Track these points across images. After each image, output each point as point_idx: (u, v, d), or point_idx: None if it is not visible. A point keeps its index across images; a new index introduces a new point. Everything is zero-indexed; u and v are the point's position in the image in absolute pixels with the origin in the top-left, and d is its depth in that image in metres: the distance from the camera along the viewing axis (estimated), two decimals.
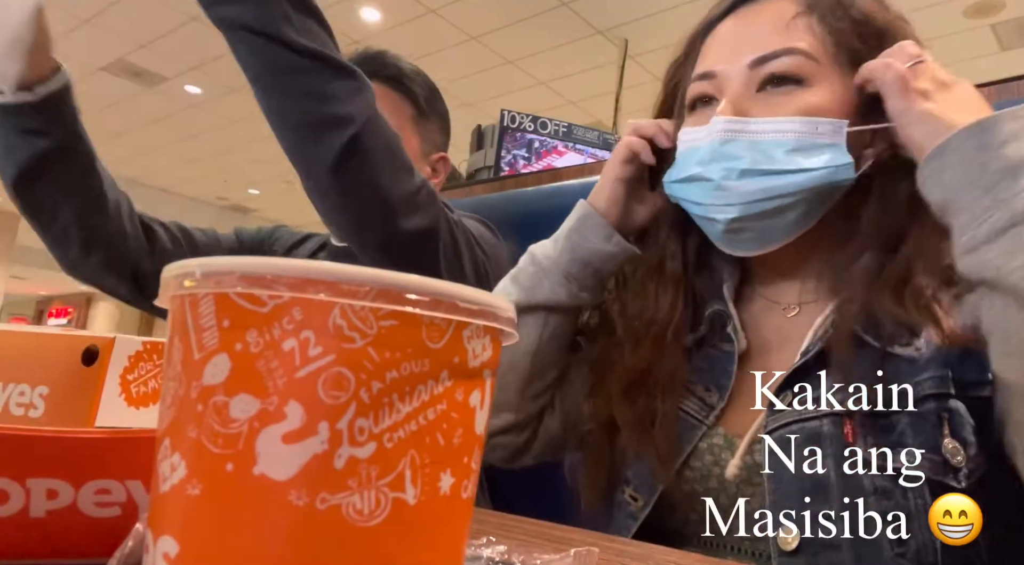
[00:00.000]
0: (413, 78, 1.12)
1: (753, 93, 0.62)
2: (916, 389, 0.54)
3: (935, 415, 0.53)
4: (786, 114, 0.60)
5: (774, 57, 0.61)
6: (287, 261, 0.23)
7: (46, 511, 0.33)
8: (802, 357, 0.60)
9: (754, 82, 0.62)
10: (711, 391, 0.64)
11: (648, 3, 4.09)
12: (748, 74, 0.62)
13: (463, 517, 0.26)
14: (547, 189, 1.28)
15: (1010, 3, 3.91)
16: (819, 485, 0.55)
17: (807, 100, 0.60)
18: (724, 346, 0.65)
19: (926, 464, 0.52)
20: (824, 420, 0.56)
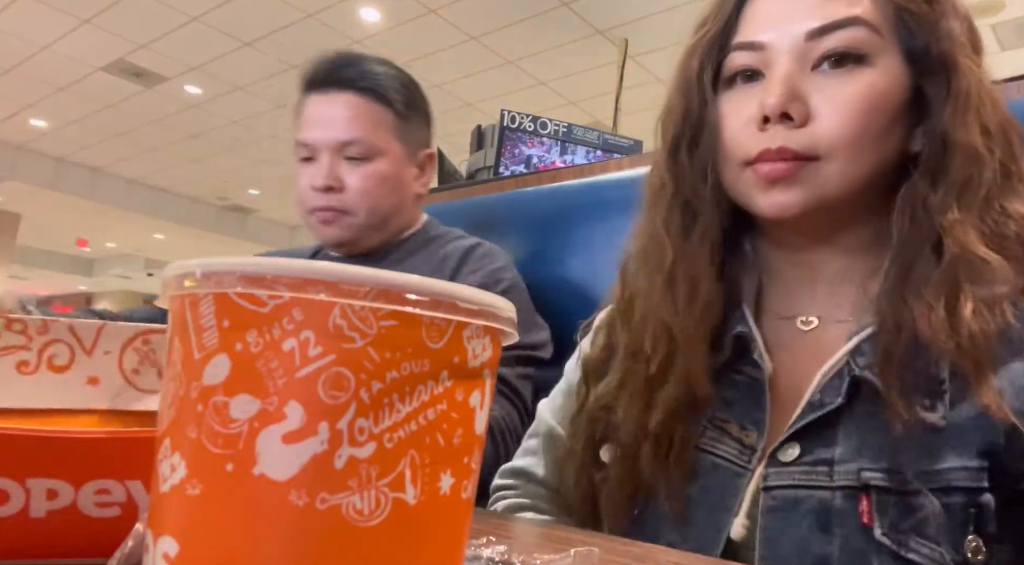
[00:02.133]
0: (388, 83, 1.10)
1: (808, 71, 0.55)
2: (946, 476, 0.48)
3: (963, 510, 0.47)
4: (846, 99, 0.53)
5: (837, 27, 0.54)
6: (287, 261, 0.23)
7: (46, 511, 0.33)
8: (811, 409, 0.53)
9: (810, 57, 0.55)
10: (748, 429, 0.56)
11: (648, 3, 4.09)
12: (803, 47, 0.55)
13: (463, 517, 0.26)
14: (547, 189, 1.28)
15: (1010, 3, 3.91)
16: (822, 564, 0.49)
17: (872, 83, 0.54)
18: (750, 371, 0.58)
19: (943, 559, 0.47)
20: (836, 493, 0.50)
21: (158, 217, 8.53)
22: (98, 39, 4.99)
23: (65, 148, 7.27)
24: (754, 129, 0.56)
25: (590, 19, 4.41)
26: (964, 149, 0.53)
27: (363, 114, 1.06)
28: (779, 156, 0.54)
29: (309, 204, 1.08)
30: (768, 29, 0.56)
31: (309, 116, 1.08)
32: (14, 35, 5.02)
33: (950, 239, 0.51)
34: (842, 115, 0.53)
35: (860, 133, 0.54)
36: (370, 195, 1.07)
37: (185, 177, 7.94)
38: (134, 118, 6.37)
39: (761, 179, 0.55)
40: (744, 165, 0.57)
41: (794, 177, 0.54)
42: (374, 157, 1.07)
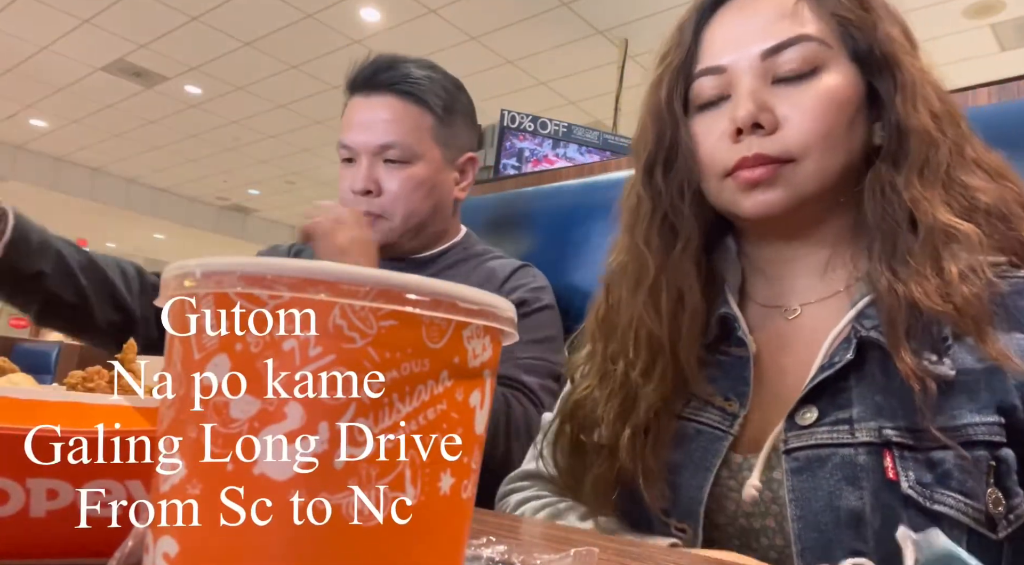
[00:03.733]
0: (429, 86, 1.09)
1: (769, 85, 0.60)
2: (966, 431, 0.50)
3: (984, 463, 0.50)
4: (809, 104, 0.58)
5: (788, 45, 0.59)
6: (287, 261, 0.23)
7: (46, 511, 0.33)
8: (822, 370, 0.56)
9: (768, 74, 0.60)
10: (731, 400, 0.60)
11: (648, 3, 4.09)
12: (761, 66, 0.60)
13: (463, 517, 0.26)
14: (547, 189, 1.28)
15: (1010, 3, 3.91)
16: (854, 518, 0.51)
17: (829, 86, 0.59)
18: (735, 351, 0.62)
19: (968, 511, 0.49)
20: (860, 449, 0.53)
21: (158, 217, 8.53)
22: (98, 39, 4.99)
23: (65, 148, 7.27)
24: (728, 142, 0.61)
25: (590, 19, 4.41)
26: (918, 132, 0.58)
27: (402, 117, 1.06)
28: (756, 162, 0.59)
29: (348, 206, 1.08)
30: (726, 53, 0.62)
31: (350, 118, 1.09)
32: (14, 35, 5.02)
33: (920, 212, 0.56)
34: (808, 117, 0.58)
35: (827, 131, 0.58)
36: (407, 199, 1.07)
37: (185, 177, 7.94)
38: (134, 118, 6.37)
39: (743, 184, 0.60)
40: (724, 176, 0.62)
41: (774, 179, 0.59)
42: (412, 161, 1.07)
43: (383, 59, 1.09)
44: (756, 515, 0.57)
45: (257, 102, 5.89)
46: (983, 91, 0.88)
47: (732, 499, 0.58)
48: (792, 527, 0.53)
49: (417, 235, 1.11)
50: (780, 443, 0.56)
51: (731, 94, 0.61)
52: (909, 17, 0.66)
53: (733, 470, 0.58)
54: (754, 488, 0.55)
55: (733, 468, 0.58)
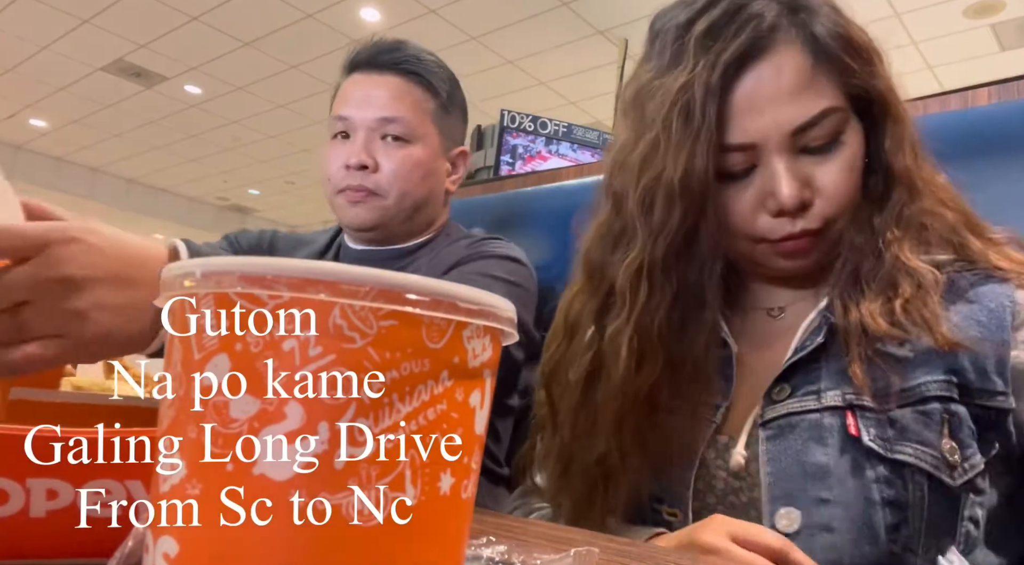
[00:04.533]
0: (435, 70, 1.07)
1: (796, 156, 0.61)
2: (920, 389, 0.57)
3: (938, 415, 0.56)
4: (839, 174, 0.61)
5: (817, 121, 0.60)
6: (287, 261, 0.23)
7: (46, 511, 0.33)
8: (795, 353, 0.62)
9: (796, 146, 0.61)
10: (713, 393, 0.65)
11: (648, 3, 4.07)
12: (791, 141, 0.60)
13: (463, 517, 0.26)
14: (547, 189, 1.28)
15: (1010, 3, 3.91)
16: (820, 471, 0.57)
17: (851, 155, 0.62)
18: (718, 352, 0.66)
19: (926, 458, 0.55)
20: (824, 413, 0.59)
21: (158, 217, 8.52)
22: (98, 39, 4.98)
23: (65, 148, 7.27)
24: (764, 214, 0.62)
25: (590, 19, 4.41)
26: (902, 179, 0.63)
27: (406, 95, 1.04)
28: (803, 235, 0.62)
29: (339, 183, 1.04)
30: (755, 128, 0.61)
31: (349, 92, 1.05)
32: (14, 35, 5.02)
33: (889, 252, 0.61)
34: (841, 188, 0.61)
35: (852, 194, 0.62)
36: (403, 179, 1.03)
37: (185, 177, 7.94)
38: (134, 118, 6.37)
39: (786, 253, 0.63)
40: (757, 241, 0.64)
41: (815, 246, 0.63)
42: (412, 141, 1.04)
43: (387, 40, 1.07)
44: (743, 489, 0.61)
45: (257, 102, 5.88)
46: (983, 91, 0.88)
47: (720, 478, 0.62)
48: (764, 481, 0.59)
49: (409, 219, 1.07)
50: (758, 418, 0.62)
51: (757, 165, 0.62)
52: (910, 17, 0.67)
53: (719, 450, 0.63)
54: (740, 455, 0.61)
55: (719, 448, 0.63)
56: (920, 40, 4.25)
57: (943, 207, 0.63)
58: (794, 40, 0.61)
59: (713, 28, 0.61)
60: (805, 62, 0.60)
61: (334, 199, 1.06)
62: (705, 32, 0.61)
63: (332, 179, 1.05)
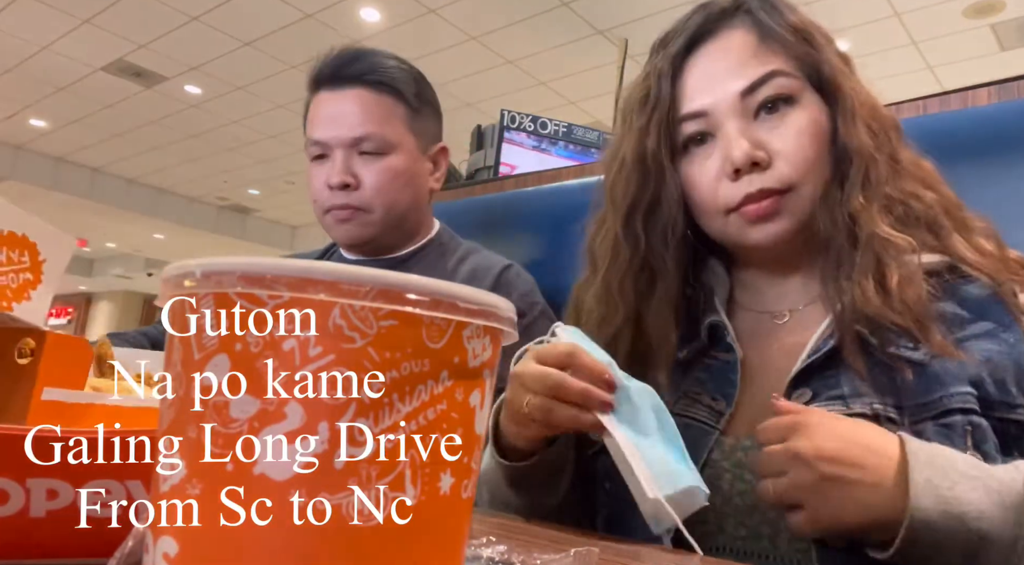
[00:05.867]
0: (398, 75, 1.07)
1: (751, 121, 0.64)
2: (943, 401, 0.56)
3: (960, 428, 0.55)
4: (794, 135, 0.63)
5: (763, 82, 0.64)
6: (287, 261, 0.23)
7: (46, 511, 0.33)
8: (810, 356, 0.62)
9: (749, 110, 0.64)
10: (717, 400, 0.65)
11: (648, 3, 4.09)
12: (740, 105, 0.64)
13: (463, 517, 0.26)
14: (547, 189, 1.28)
15: (1010, 3, 3.91)
16: None
17: (806, 117, 0.64)
18: (723, 356, 0.67)
19: None
20: (855, 419, 0.57)
21: (158, 217, 8.52)
22: (98, 39, 4.98)
23: (65, 148, 7.26)
24: (726, 182, 0.64)
25: (590, 19, 4.41)
26: (858, 151, 0.63)
27: (375, 108, 1.04)
28: (762, 196, 0.63)
29: (325, 203, 1.05)
30: (704, 96, 0.65)
31: (320, 114, 1.06)
32: (14, 35, 5.01)
33: (859, 225, 0.62)
34: (797, 148, 0.63)
35: (814, 159, 0.64)
36: (386, 191, 1.04)
37: (185, 177, 7.93)
38: (134, 118, 6.37)
39: (751, 218, 0.64)
40: (727, 212, 0.65)
41: (779, 209, 0.64)
42: (388, 152, 1.05)
43: (347, 52, 1.07)
44: (748, 492, 0.60)
45: (257, 102, 5.88)
46: (983, 91, 0.88)
47: (726, 480, 0.61)
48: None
49: (397, 228, 1.08)
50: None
51: (715, 134, 0.65)
52: (910, 17, 0.68)
53: (726, 452, 0.62)
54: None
55: (726, 450, 0.62)
56: (920, 40, 4.25)
57: (923, 188, 0.64)
58: (740, 23, 0.67)
59: (671, 29, 0.70)
60: (751, 39, 0.66)
61: (323, 219, 1.07)
62: (665, 34, 0.70)
63: (318, 200, 1.06)
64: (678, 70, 0.68)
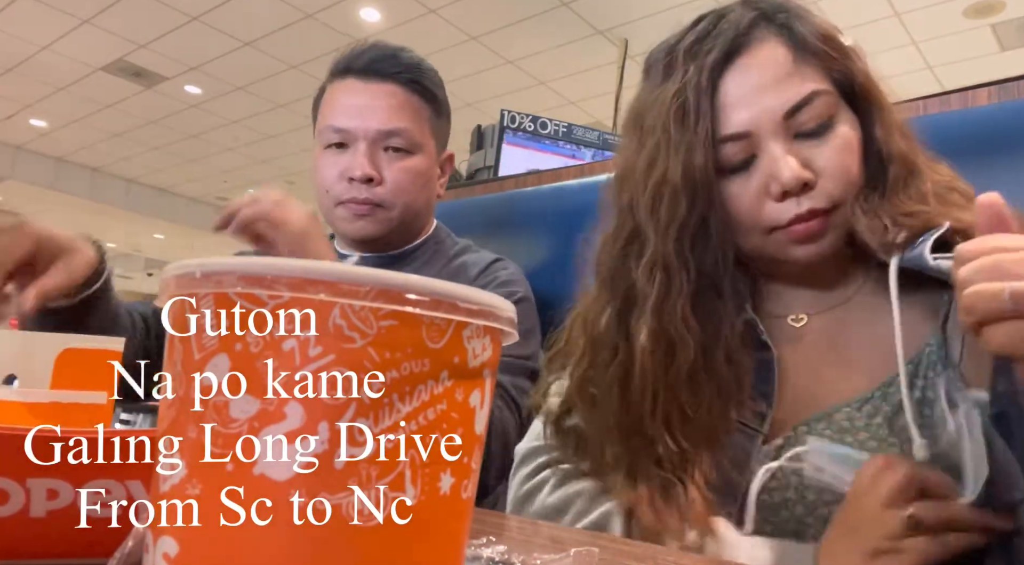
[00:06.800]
0: (432, 77, 1.06)
1: (793, 141, 0.63)
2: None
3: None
4: (837, 155, 0.63)
5: (806, 102, 0.63)
6: (287, 261, 0.23)
7: (46, 511, 0.33)
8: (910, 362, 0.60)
9: (791, 131, 0.63)
10: (756, 400, 0.64)
11: (648, 3, 4.09)
12: (784, 125, 0.63)
13: (463, 517, 0.26)
14: (547, 189, 1.28)
15: (1010, 3, 3.91)
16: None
17: (846, 136, 0.63)
18: (756, 355, 0.65)
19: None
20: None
21: (158, 217, 8.52)
22: (98, 39, 4.98)
23: (65, 148, 7.26)
24: (769, 202, 0.63)
25: (590, 19, 4.41)
26: (900, 159, 0.64)
27: (407, 105, 1.02)
28: (811, 216, 0.63)
29: (340, 195, 1.01)
30: (746, 117, 0.64)
31: (346, 102, 1.02)
32: (14, 35, 5.01)
33: (916, 218, 0.61)
34: (840, 168, 0.63)
35: (854, 178, 0.64)
36: (407, 191, 1.02)
37: (185, 177, 7.93)
38: (134, 118, 6.37)
39: (797, 237, 0.64)
40: (770, 231, 0.64)
41: (826, 229, 0.64)
42: (414, 151, 1.03)
43: (383, 47, 1.05)
44: (777, 489, 0.61)
45: (257, 102, 5.88)
46: (983, 91, 0.88)
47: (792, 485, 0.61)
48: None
49: (407, 229, 1.08)
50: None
51: (757, 154, 0.64)
52: (910, 17, 0.68)
53: (760, 458, 0.63)
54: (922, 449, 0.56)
55: (761, 457, 0.63)
56: (920, 40, 4.25)
57: (947, 190, 0.64)
58: (774, 36, 0.65)
59: (698, 39, 0.67)
60: (786, 54, 0.64)
61: (334, 210, 1.03)
62: (692, 43, 0.67)
63: (331, 191, 1.02)
64: (715, 85, 0.65)
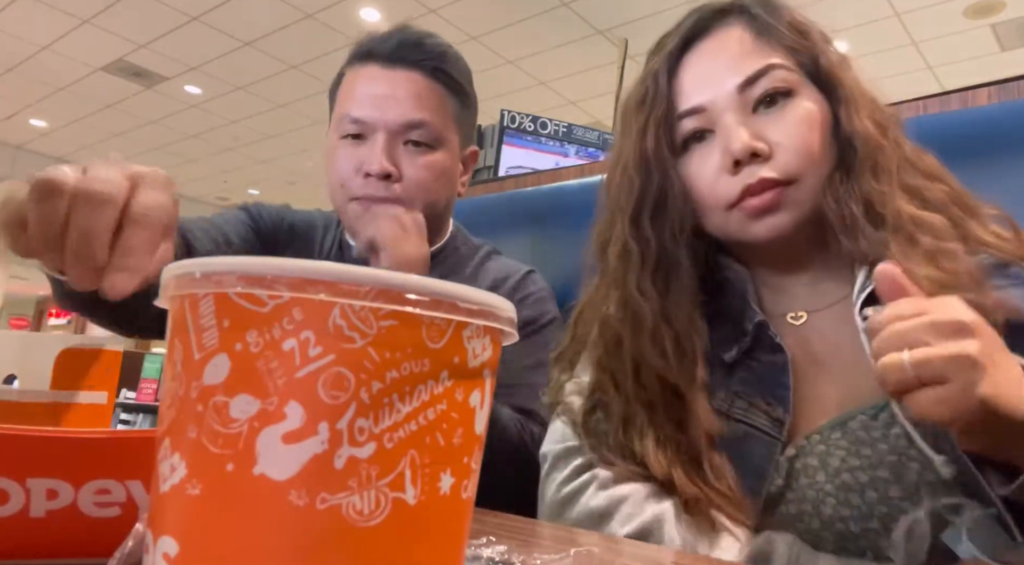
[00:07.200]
0: (460, 67, 0.97)
1: (750, 115, 0.64)
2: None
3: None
4: (794, 127, 0.62)
5: (760, 76, 0.64)
6: (287, 261, 0.23)
7: (46, 511, 0.33)
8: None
9: (747, 105, 0.64)
10: (772, 404, 0.62)
11: (648, 3, 4.09)
12: (739, 98, 0.64)
13: (463, 517, 0.26)
14: (547, 189, 1.28)
15: (1010, 3, 3.91)
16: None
17: (805, 109, 0.63)
18: (768, 357, 0.64)
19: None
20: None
21: None
22: (98, 39, 4.98)
23: (65, 148, 7.26)
24: (726, 175, 0.64)
25: (590, 19, 4.41)
26: (863, 137, 0.63)
27: (431, 97, 0.93)
28: (762, 187, 0.62)
29: (356, 190, 0.92)
30: (702, 92, 0.65)
31: (366, 90, 0.93)
32: (14, 35, 5.01)
33: (880, 205, 0.60)
34: (797, 139, 0.62)
35: (815, 149, 0.63)
36: (429, 188, 0.93)
37: (185, 177, 7.93)
38: (134, 118, 6.37)
39: (751, 212, 0.63)
40: (728, 207, 0.64)
41: (780, 202, 0.62)
42: (436, 146, 0.94)
43: (409, 32, 0.96)
44: (794, 501, 0.59)
45: (257, 102, 5.88)
46: (983, 91, 0.88)
47: (771, 493, 0.60)
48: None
49: (427, 227, 0.98)
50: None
51: (714, 129, 0.65)
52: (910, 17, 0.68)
53: (777, 468, 0.61)
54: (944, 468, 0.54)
55: (777, 467, 0.61)
56: (920, 40, 4.25)
57: (930, 180, 0.64)
58: (737, 21, 0.67)
59: (667, 33, 0.70)
60: (747, 35, 0.66)
61: (347, 206, 0.94)
62: (661, 38, 0.70)
63: (346, 185, 0.93)
64: (674, 68, 0.68)
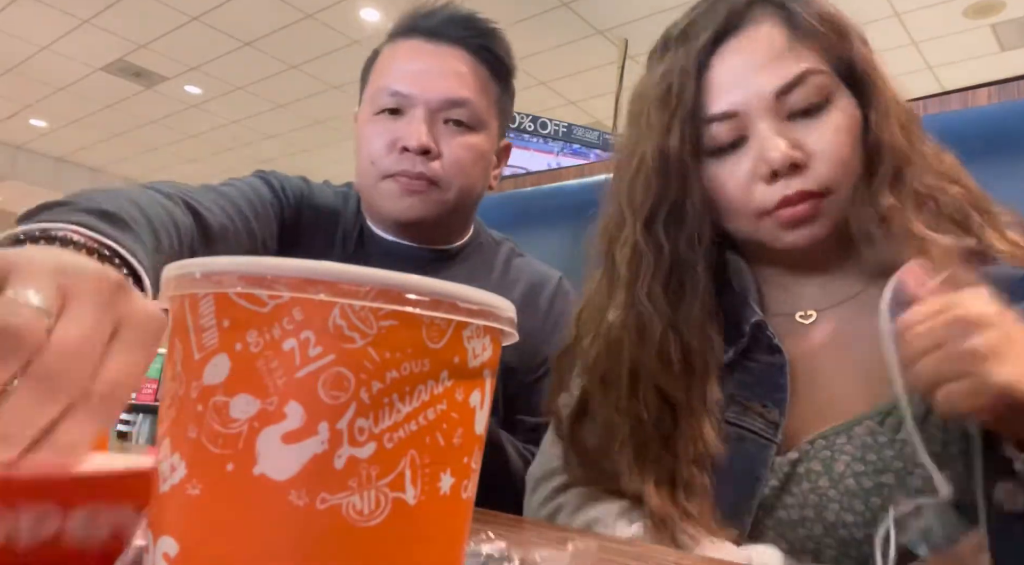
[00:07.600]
0: (505, 48, 0.93)
1: (785, 122, 0.61)
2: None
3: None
4: (831, 137, 0.60)
5: (798, 82, 0.60)
6: (287, 261, 0.23)
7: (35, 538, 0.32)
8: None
9: (783, 111, 0.61)
10: (768, 407, 0.61)
11: (648, 3, 4.09)
12: (775, 105, 0.61)
13: (463, 517, 0.26)
14: (547, 189, 1.28)
15: (1010, 3, 3.91)
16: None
17: (841, 119, 0.61)
18: (766, 358, 0.63)
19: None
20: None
21: None
22: (98, 39, 4.98)
23: (65, 148, 7.26)
24: (760, 184, 0.61)
25: (590, 19, 4.41)
26: (891, 148, 0.61)
27: (475, 76, 0.89)
28: (800, 199, 0.60)
29: (390, 167, 0.87)
30: (735, 94, 0.62)
31: (407, 64, 0.88)
32: (14, 35, 5.01)
33: (895, 225, 0.59)
34: (834, 150, 0.60)
35: (848, 162, 0.61)
36: (465, 172, 0.88)
37: (185, 177, 7.90)
38: (134, 118, 6.37)
39: (787, 222, 0.61)
40: (760, 215, 0.62)
41: (817, 213, 0.61)
42: (478, 128, 0.89)
43: (457, 8, 0.92)
44: (795, 506, 0.58)
45: (257, 102, 5.88)
46: (983, 91, 0.88)
47: (768, 496, 0.59)
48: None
49: (459, 218, 0.94)
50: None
51: (747, 136, 0.62)
52: (910, 17, 0.67)
53: (775, 470, 0.60)
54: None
55: (775, 469, 0.60)
56: (920, 40, 4.25)
57: (948, 182, 0.62)
58: (769, 16, 0.63)
59: (692, 22, 0.65)
60: (781, 33, 0.62)
61: (378, 185, 0.88)
62: (685, 27, 0.66)
63: (378, 162, 0.87)
64: (703, 66, 0.63)
